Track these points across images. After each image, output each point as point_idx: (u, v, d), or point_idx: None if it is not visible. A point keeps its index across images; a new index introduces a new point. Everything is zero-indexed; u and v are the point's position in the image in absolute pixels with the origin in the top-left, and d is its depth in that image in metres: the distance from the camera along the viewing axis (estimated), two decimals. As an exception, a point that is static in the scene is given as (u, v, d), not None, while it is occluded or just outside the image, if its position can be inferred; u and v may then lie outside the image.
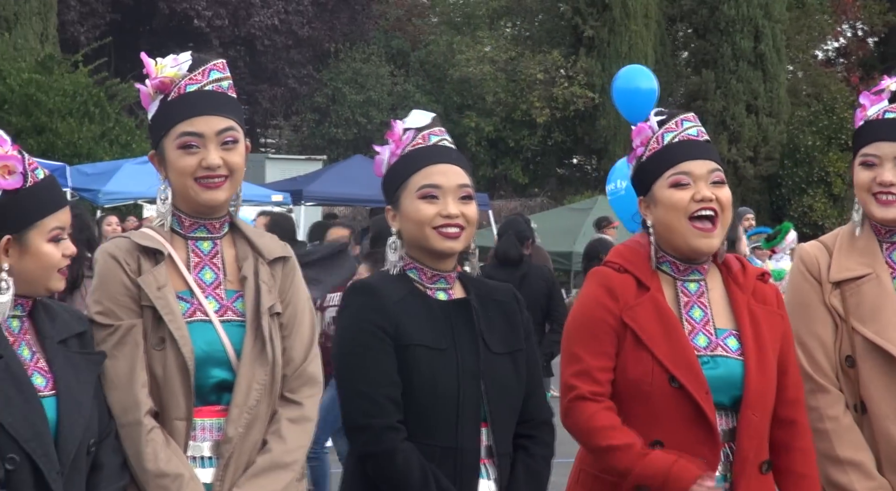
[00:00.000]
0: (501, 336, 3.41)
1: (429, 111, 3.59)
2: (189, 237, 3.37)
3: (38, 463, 2.93)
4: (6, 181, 3.04)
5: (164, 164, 3.32)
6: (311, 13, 34.24)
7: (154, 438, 3.16)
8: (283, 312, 3.36)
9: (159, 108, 3.31)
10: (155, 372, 3.22)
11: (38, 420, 2.96)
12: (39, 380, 3.05)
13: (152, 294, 3.22)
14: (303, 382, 3.36)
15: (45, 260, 3.07)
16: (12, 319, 3.09)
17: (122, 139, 22.33)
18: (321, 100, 33.73)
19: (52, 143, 21.24)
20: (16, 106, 21.72)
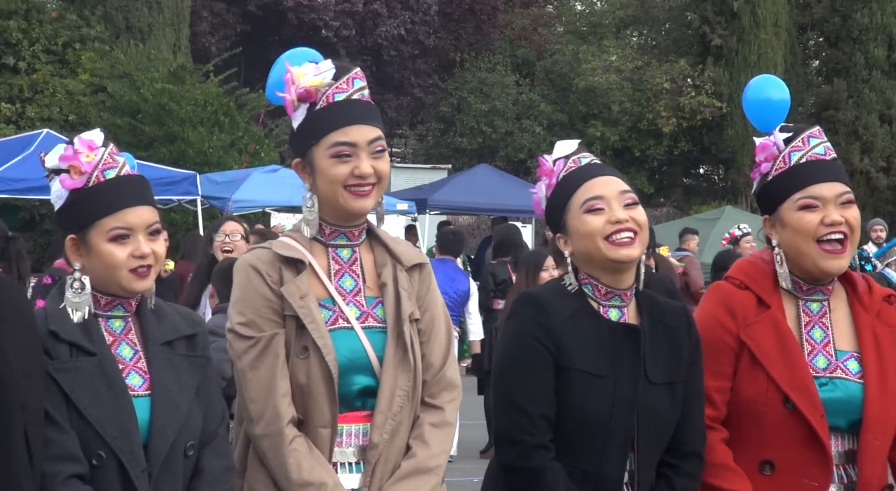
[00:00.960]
0: (664, 365, 3.35)
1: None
2: (329, 245, 3.39)
3: (123, 460, 2.96)
4: (72, 181, 3.07)
5: (312, 172, 3.33)
6: (438, 23, 34.36)
7: (297, 447, 3.19)
8: (421, 318, 3.37)
9: (307, 117, 3.32)
10: (299, 381, 3.24)
11: (126, 418, 2.99)
12: (136, 379, 3.09)
13: (295, 304, 3.24)
14: (442, 386, 3.37)
15: (106, 259, 3.06)
16: (114, 320, 3.14)
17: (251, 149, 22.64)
18: (446, 109, 33.81)
19: (183, 151, 21.61)
20: (149, 115, 22.17)
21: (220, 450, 3.20)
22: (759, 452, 3.35)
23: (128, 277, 3.08)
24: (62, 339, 3.01)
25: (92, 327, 3.07)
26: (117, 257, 3.06)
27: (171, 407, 3.07)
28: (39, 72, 23.67)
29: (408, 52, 33.88)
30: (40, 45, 24.02)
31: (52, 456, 2.89)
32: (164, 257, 3.14)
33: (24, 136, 17.87)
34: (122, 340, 3.13)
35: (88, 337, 3.04)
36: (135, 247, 3.08)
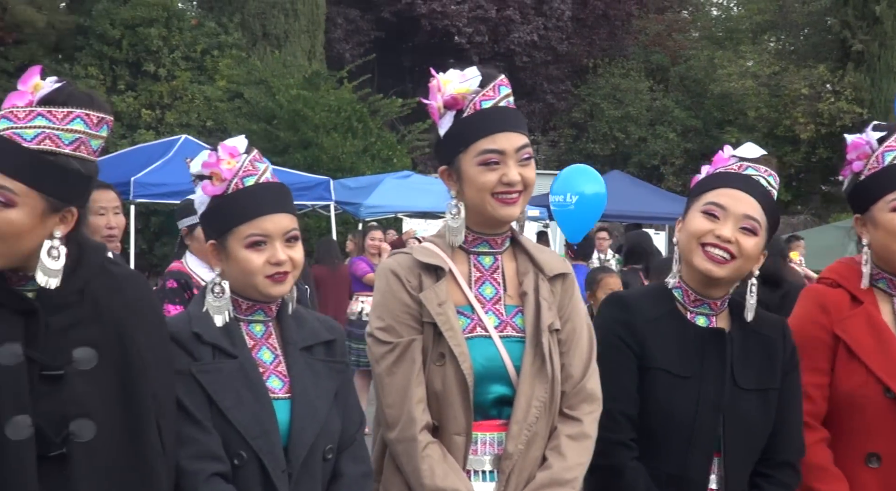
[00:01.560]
0: (756, 372, 3.37)
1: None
2: (471, 252, 3.38)
3: (264, 461, 2.99)
4: (212, 188, 3.11)
5: (459, 179, 3.32)
6: (571, 29, 34.24)
7: (430, 453, 3.19)
8: (562, 328, 3.34)
9: (454, 125, 3.31)
10: (434, 387, 3.24)
11: (267, 420, 3.02)
12: (276, 383, 3.12)
13: (433, 310, 3.24)
14: (582, 398, 3.33)
15: (243, 265, 3.09)
16: (255, 324, 3.17)
17: (384, 154, 22.80)
18: (579, 115, 33.66)
19: (317, 157, 21.86)
20: (284, 121, 22.47)
21: (359, 455, 3.21)
22: (865, 446, 3.36)
23: (264, 282, 3.09)
24: (205, 341, 3.06)
25: (234, 331, 3.11)
26: (254, 264, 3.08)
27: (311, 410, 3.09)
28: (178, 78, 24.15)
29: (540, 58, 33.81)
30: (180, 53, 24.52)
31: (195, 455, 2.94)
32: (301, 263, 3.14)
33: (163, 142, 18.21)
34: (262, 344, 3.17)
35: (230, 340, 3.08)
36: (271, 254, 3.09)
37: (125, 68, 24.55)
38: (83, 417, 2.71)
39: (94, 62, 24.40)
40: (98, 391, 2.75)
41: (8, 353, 2.66)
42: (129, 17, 24.50)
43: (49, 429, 2.66)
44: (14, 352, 2.66)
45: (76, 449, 2.69)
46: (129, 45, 24.47)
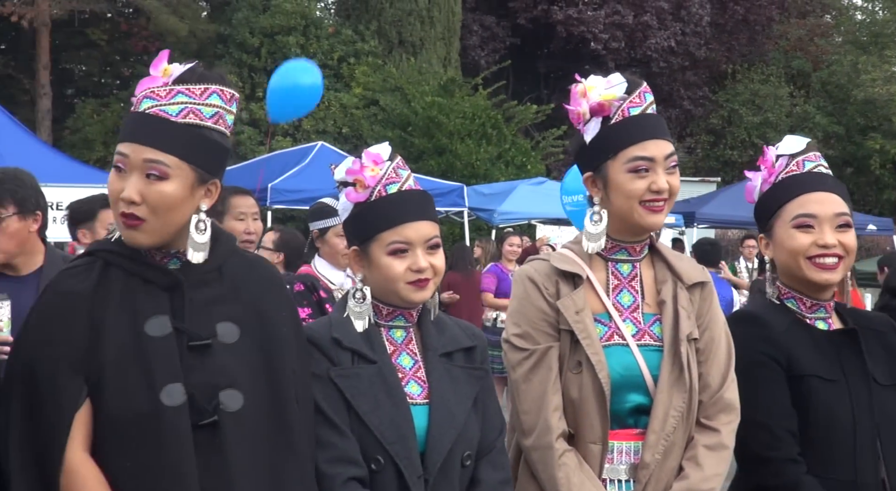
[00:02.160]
0: (886, 368, 3.38)
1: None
2: (609, 259, 3.36)
3: (401, 466, 2.99)
4: (356, 195, 3.13)
5: (605, 186, 3.29)
6: (709, 34, 33.78)
7: (566, 462, 3.18)
8: (700, 338, 3.30)
9: (602, 131, 3.29)
10: (571, 395, 3.23)
11: (404, 425, 3.02)
12: (415, 388, 3.12)
13: (570, 318, 3.23)
14: (719, 408, 3.28)
15: (385, 272, 3.10)
16: (395, 330, 3.18)
17: (518, 160, 22.76)
18: (716, 121, 33.20)
19: (451, 163, 21.91)
20: (419, 128, 22.58)
21: (498, 462, 3.19)
22: None
23: (406, 288, 3.10)
24: (344, 346, 3.07)
25: (374, 336, 3.12)
26: (395, 270, 3.08)
27: (449, 416, 3.09)
28: (316, 86, 24.40)
29: (677, 64, 33.43)
30: (317, 60, 24.81)
31: (333, 459, 2.96)
32: (443, 270, 3.16)
33: (299, 149, 18.43)
34: (402, 349, 3.17)
35: (370, 345, 3.10)
36: (412, 261, 3.09)
37: (263, 76, 24.90)
38: (231, 387, 2.79)
39: (234, 70, 24.82)
40: (242, 364, 2.82)
41: (157, 324, 2.76)
42: (268, 25, 24.88)
43: (200, 398, 2.74)
44: (163, 324, 2.76)
45: (226, 418, 2.76)
46: (267, 52, 24.85)
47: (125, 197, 2.75)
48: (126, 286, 2.80)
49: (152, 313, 2.77)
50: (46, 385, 2.69)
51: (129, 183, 2.75)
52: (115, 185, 2.77)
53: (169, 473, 2.68)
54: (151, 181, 2.75)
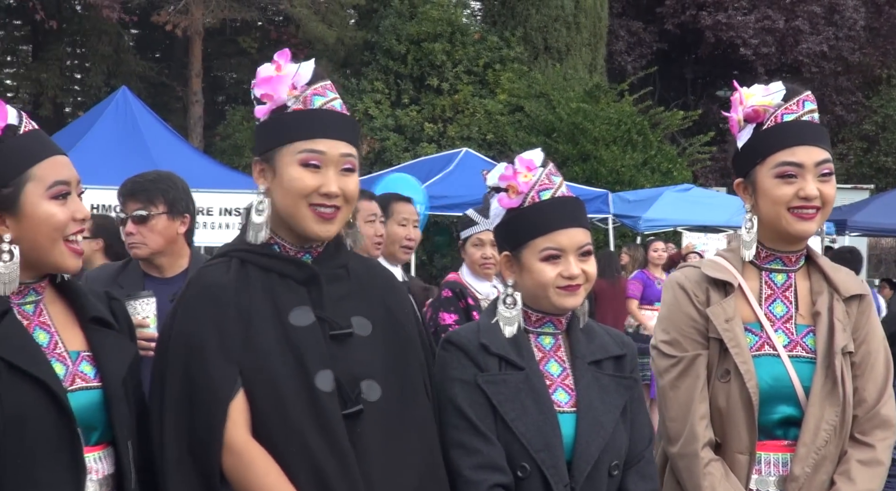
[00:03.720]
0: None
1: None
2: (764, 268, 3.32)
3: (547, 474, 2.98)
4: (508, 201, 3.13)
5: (754, 192, 3.28)
6: (863, 38, 32.94)
7: (712, 471, 3.15)
8: (856, 351, 3.25)
9: (752, 137, 3.27)
10: (718, 404, 3.21)
11: (551, 433, 3.01)
12: (563, 396, 3.10)
13: (720, 326, 3.20)
14: (875, 424, 3.23)
15: (536, 278, 3.10)
16: (544, 336, 3.17)
17: (664, 167, 22.50)
18: (870, 127, 32.35)
19: (595, 170, 21.77)
20: (563, 134, 22.48)
21: (646, 472, 3.17)
22: None
23: (557, 294, 3.10)
24: (492, 352, 3.08)
25: (522, 342, 3.12)
26: (547, 276, 3.09)
27: (597, 424, 3.07)
28: (461, 92, 24.51)
29: (829, 69, 32.67)
30: (462, 67, 24.88)
31: (478, 465, 2.97)
32: (594, 277, 3.15)
33: (444, 155, 18.53)
34: (550, 356, 3.16)
35: (518, 351, 3.10)
36: (564, 267, 3.09)
37: (409, 82, 25.08)
38: (369, 378, 2.86)
39: (380, 77, 25.03)
40: (377, 357, 2.90)
41: (301, 315, 2.84)
42: (415, 32, 25.03)
43: (345, 387, 2.81)
44: (306, 314, 2.84)
45: (367, 408, 2.83)
46: (413, 59, 25.00)
47: (330, 191, 2.85)
48: (264, 281, 2.87)
49: (294, 305, 2.85)
50: (201, 375, 2.76)
51: (328, 177, 2.85)
52: (309, 180, 2.85)
53: (335, 454, 2.75)
54: (346, 174, 2.87)
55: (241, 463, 2.74)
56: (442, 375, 3.07)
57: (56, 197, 2.72)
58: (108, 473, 2.77)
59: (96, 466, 2.74)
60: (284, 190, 2.87)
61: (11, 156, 2.71)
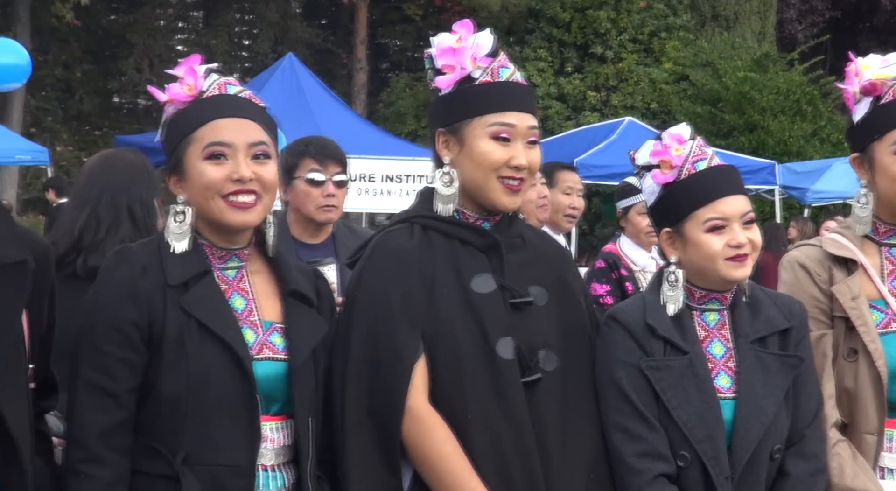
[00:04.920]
0: None
1: None
2: (883, 244, 3.24)
3: (707, 465, 2.93)
4: (663, 176, 3.08)
5: (871, 168, 3.19)
6: None
7: (839, 451, 3.08)
8: None
9: (870, 111, 3.18)
10: (845, 384, 3.13)
11: (713, 422, 2.96)
12: (724, 381, 3.04)
13: (846, 305, 3.12)
14: None
15: (702, 251, 3.04)
16: (708, 313, 3.10)
17: (834, 138, 21.95)
18: None
19: (762, 140, 21.35)
20: (729, 104, 22.09)
21: (808, 451, 3.07)
22: None
23: (725, 265, 3.04)
24: (658, 334, 3.03)
25: (686, 323, 3.07)
26: (714, 248, 3.03)
27: (757, 411, 3.00)
28: (625, 61, 24.28)
29: None
30: (627, 35, 24.63)
31: (642, 453, 2.94)
32: (759, 245, 3.09)
33: (607, 124, 18.44)
34: (714, 335, 3.10)
35: (682, 334, 3.04)
36: (731, 236, 3.04)
37: (573, 51, 24.94)
38: (546, 347, 2.90)
39: (544, 45, 24.93)
40: (552, 326, 2.93)
41: (482, 282, 2.88)
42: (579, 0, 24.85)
43: (524, 355, 2.85)
44: (487, 281, 2.88)
45: (545, 377, 2.87)
46: (577, 27, 24.84)
47: (520, 164, 2.89)
48: (447, 247, 2.91)
49: (476, 272, 2.89)
50: (385, 339, 2.81)
51: (517, 150, 2.89)
52: (500, 153, 2.88)
53: (512, 422, 2.79)
54: (531, 147, 2.91)
55: (421, 429, 2.78)
56: (605, 354, 3.04)
57: (210, 157, 2.75)
58: (286, 443, 2.81)
59: (273, 435, 2.78)
60: (475, 162, 2.89)
61: (183, 120, 2.78)
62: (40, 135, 25.21)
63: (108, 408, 2.64)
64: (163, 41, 28.47)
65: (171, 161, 2.79)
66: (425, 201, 2.99)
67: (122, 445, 2.64)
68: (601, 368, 3.02)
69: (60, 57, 27.72)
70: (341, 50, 28.93)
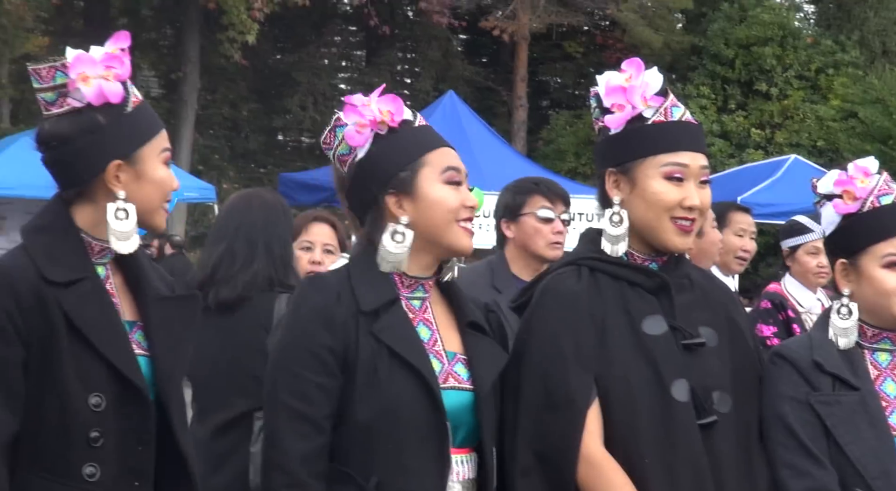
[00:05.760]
0: None
1: None
2: None
3: None
4: (844, 206, 3.02)
5: None
6: None
7: None
8: None
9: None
10: None
11: (888, 459, 2.87)
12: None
13: None
14: None
15: (875, 286, 2.96)
16: (880, 353, 3.02)
17: None
18: None
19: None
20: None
21: None
22: None
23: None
24: (825, 370, 2.96)
25: (856, 359, 2.99)
26: (890, 284, 2.96)
27: None
28: (791, 98, 23.90)
29: None
30: (793, 71, 24.24)
31: (809, 489, 2.85)
32: None
33: (771, 162, 18.12)
34: (887, 375, 3.02)
35: (852, 370, 2.97)
36: None
37: (737, 87, 24.64)
38: (720, 389, 2.86)
39: (707, 82, 24.69)
40: (724, 368, 2.89)
41: (654, 323, 2.85)
42: (744, 36, 24.58)
43: (698, 397, 2.81)
44: (658, 323, 2.85)
45: (720, 419, 2.83)
46: (742, 64, 24.55)
47: (693, 205, 2.85)
48: (615, 289, 2.88)
49: (647, 313, 2.86)
50: (557, 383, 2.80)
51: (690, 190, 2.86)
52: (674, 194, 2.85)
53: (690, 466, 2.76)
54: (702, 187, 2.89)
55: (597, 474, 2.75)
56: (771, 390, 2.97)
57: (448, 182, 2.80)
58: (469, 477, 2.82)
59: (458, 467, 2.79)
60: (647, 202, 2.87)
61: (409, 143, 2.82)
62: (207, 172, 25.87)
63: (308, 433, 2.67)
64: (326, 80, 29.03)
65: (392, 182, 2.80)
66: (590, 243, 2.97)
67: (321, 470, 2.67)
68: (767, 405, 2.96)
69: (228, 96, 28.49)
70: (501, 87, 29.07)
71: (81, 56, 2.64)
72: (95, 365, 2.59)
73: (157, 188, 2.72)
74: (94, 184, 2.67)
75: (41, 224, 2.70)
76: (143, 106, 2.72)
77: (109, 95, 2.63)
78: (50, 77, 2.64)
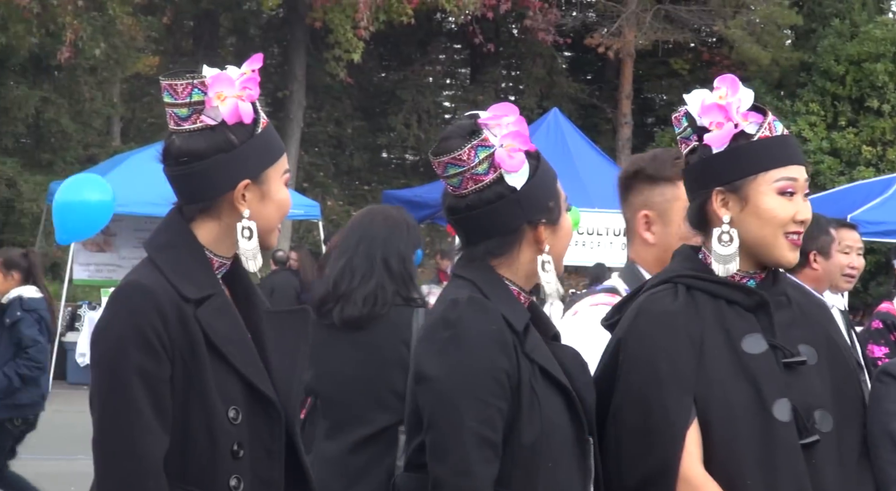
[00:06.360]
0: None
1: None
2: None
3: None
4: None
5: None
6: None
7: None
8: None
9: None
10: None
11: None
12: None
13: None
14: None
15: None
16: None
17: None
18: None
19: None
20: None
21: None
22: None
23: None
24: None
25: None
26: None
27: None
28: (904, 115, 23.47)
29: None
30: (904, 87, 23.80)
31: None
32: None
33: (883, 180, 17.85)
34: None
35: None
36: None
37: (847, 104, 24.24)
38: (822, 408, 2.82)
39: (816, 98, 24.34)
40: (825, 386, 2.85)
41: (753, 342, 2.81)
42: (855, 52, 24.21)
43: (800, 416, 2.77)
44: (758, 341, 2.81)
45: (822, 438, 2.79)
46: (852, 80, 24.16)
47: (805, 219, 2.86)
48: (713, 307, 2.85)
49: (746, 332, 2.83)
50: (656, 405, 2.78)
51: (800, 204, 2.85)
52: (788, 209, 2.83)
53: (793, 487, 2.72)
54: (805, 199, 2.87)
55: None
56: (878, 408, 2.91)
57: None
58: None
59: None
60: (762, 220, 2.84)
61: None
62: (312, 190, 26.12)
63: (492, 458, 2.68)
64: (431, 97, 29.15)
65: None
66: (685, 260, 2.94)
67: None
68: (873, 423, 2.89)
69: (333, 114, 28.75)
70: (606, 105, 28.93)
71: (220, 75, 2.65)
72: (231, 379, 2.61)
73: (278, 208, 2.73)
74: (220, 201, 2.67)
75: (168, 240, 2.70)
76: (269, 127, 2.73)
77: (243, 115, 2.64)
78: (186, 93, 2.64)
